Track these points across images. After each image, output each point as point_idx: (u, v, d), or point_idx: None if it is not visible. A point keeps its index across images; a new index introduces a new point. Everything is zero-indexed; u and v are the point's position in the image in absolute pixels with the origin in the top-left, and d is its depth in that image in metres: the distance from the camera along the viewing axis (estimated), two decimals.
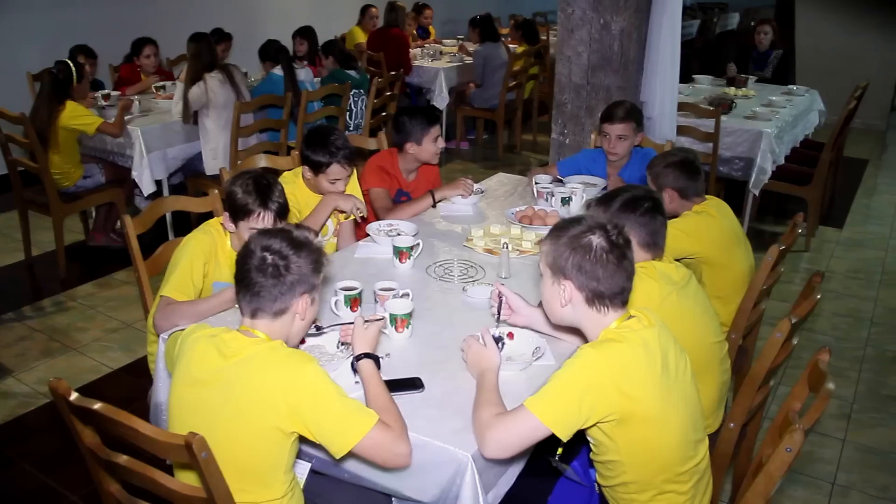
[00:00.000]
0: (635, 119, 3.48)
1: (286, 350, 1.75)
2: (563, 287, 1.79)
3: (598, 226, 1.77)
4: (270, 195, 2.44)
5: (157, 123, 4.97)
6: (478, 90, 7.45)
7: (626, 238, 1.79)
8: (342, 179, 2.98)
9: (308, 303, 1.81)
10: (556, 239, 1.80)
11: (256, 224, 2.41)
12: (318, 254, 1.82)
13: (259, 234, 1.81)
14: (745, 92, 6.15)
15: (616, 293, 1.77)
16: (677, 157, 2.82)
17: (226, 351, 1.73)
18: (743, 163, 5.18)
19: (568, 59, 4.39)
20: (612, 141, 3.49)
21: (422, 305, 2.45)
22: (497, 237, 2.97)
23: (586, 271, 1.75)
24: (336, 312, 2.36)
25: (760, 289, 2.59)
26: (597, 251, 1.74)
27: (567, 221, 1.83)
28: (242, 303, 1.79)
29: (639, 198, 2.25)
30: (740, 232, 2.88)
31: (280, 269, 1.74)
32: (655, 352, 1.73)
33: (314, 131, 3.00)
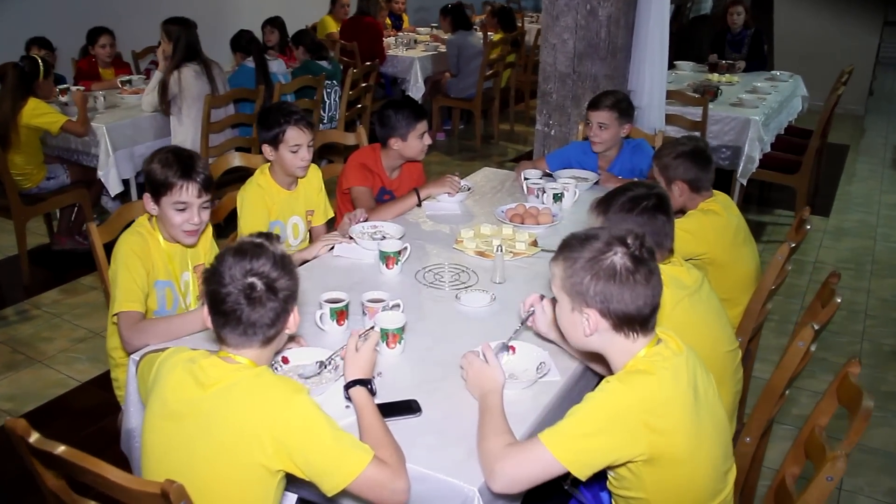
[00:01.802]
0: (620, 109, 3.34)
1: (271, 378, 1.57)
2: (585, 315, 1.60)
3: (618, 240, 1.58)
4: (193, 166, 2.28)
5: (123, 120, 4.73)
6: (454, 79, 7.27)
7: (650, 248, 1.62)
8: (303, 145, 2.84)
9: (296, 315, 1.66)
10: (572, 262, 1.60)
11: (181, 197, 2.26)
12: (292, 261, 1.65)
13: (236, 255, 1.59)
14: (728, 78, 6.04)
15: (647, 316, 1.60)
16: (688, 147, 2.67)
17: (204, 379, 1.55)
18: (730, 151, 5.07)
19: (553, 47, 4.23)
20: (593, 128, 3.39)
21: (412, 316, 2.28)
22: (488, 238, 2.80)
23: (612, 296, 1.57)
24: (321, 327, 2.19)
25: (770, 289, 2.46)
26: (622, 273, 1.55)
27: (580, 239, 1.63)
28: (227, 334, 1.59)
29: (639, 197, 2.09)
30: (747, 230, 2.74)
31: (269, 294, 1.56)
32: (687, 382, 1.58)
33: (262, 111, 2.91)
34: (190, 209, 2.31)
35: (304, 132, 2.84)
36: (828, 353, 3.84)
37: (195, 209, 2.32)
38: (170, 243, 2.43)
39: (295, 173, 2.92)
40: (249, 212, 2.86)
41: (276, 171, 2.93)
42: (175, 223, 2.33)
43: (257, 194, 2.88)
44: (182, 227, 2.33)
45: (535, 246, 2.76)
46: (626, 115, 3.37)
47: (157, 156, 2.30)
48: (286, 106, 2.89)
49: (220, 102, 4.64)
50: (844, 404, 1.73)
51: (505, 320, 2.27)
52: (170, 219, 2.32)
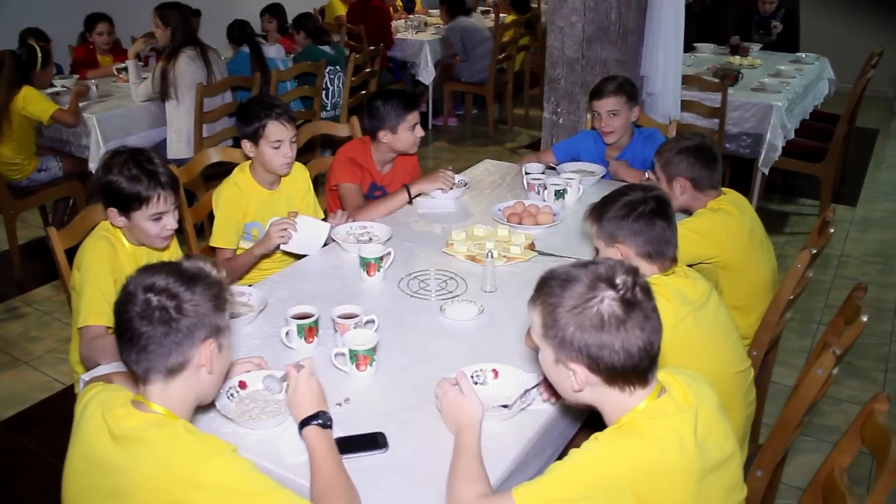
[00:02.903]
0: (626, 92, 3.12)
1: (187, 438, 1.35)
2: (571, 371, 1.37)
3: (605, 282, 1.33)
4: (158, 172, 2.14)
5: (115, 109, 4.55)
6: (464, 64, 7.03)
7: (645, 285, 1.37)
8: (285, 141, 2.65)
9: (214, 350, 1.43)
10: (551, 310, 1.35)
11: (158, 208, 2.14)
12: (219, 287, 1.43)
13: (139, 271, 1.42)
14: (750, 61, 5.75)
15: (645, 367, 1.35)
16: (692, 142, 2.44)
17: (116, 431, 1.35)
18: (751, 139, 4.80)
19: (560, 30, 3.98)
20: (603, 118, 3.15)
21: (392, 330, 2.08)
22: (481, 241, 2.59)
23: (601, 350, 1.32)
24: (288, 345, 1.99)
25: (787, 299, 2.23)
26: (610, 323, 1.31)
27: (559, 280, 1.37)
28: (129, 363, 1.41)
29: (635, 202, 1.88)
30: (762, 231, 2.50)
31: (170, 312, 1.36)
32: (694, 448, 1.33)
33: (242, 105, 2.73)
34: (165, 217, 2.19)
35: (286, 127, 2.65)
36: (852, 357, 3.60)
37: (170, 215, 2.20)
38: (136, 246, 2.26)
39: (277, 171, 2.72)
40: (223, 213, 2.69)
41: (256, 169, 2.74)
42: (151, 233, 2.20)
43: (234, 194, 2.70)
44: (159, 235, 2.21)
45: (533, 249, 2.55)
46: (633, 98, 3.14)
47: (114, 167, 2.12)
48: (267, 98, 2.71)
49: (214, 91, 4.44)
50: (869, 447, 1.51)
51: (493, 335, 2.07)
52: (145, 230, 2.18)
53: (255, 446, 1.65)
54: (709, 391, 1.47)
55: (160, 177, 2.14)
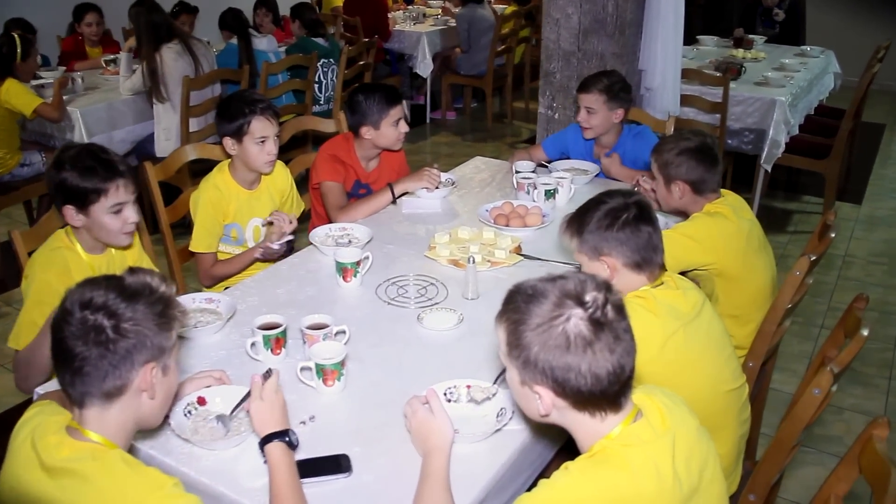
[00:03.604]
0: (611, 93, 2.98)
1: (124, 472, 1.25)
2: (536, 395, 1.26)
3: (573, 299, 1.21)
4: (115, 162, 2.04)
5: (100, 103, 4.44)
6: (464, 55, 6.90)
7: (618, 302, 1.25)
8: (270, 137, 2.55)
9: (157, 374, 1.32)
10: (515, 327, 1.25)
11: (118, 198, 2.03)
12: (165, 304, 1.32)
13: (78, 286, 1.31)
14: (754, 54, 5.61)
15: (615, 392, 1.24)
16: (693, 143, 2.30)
17: (47, 461, 1.25)
18: (753, 135, 4.66)
19: (556, 23, 3.85)
20: (580, 112, 3.05)
21: (365, 341, 1.97)
22: (466, 243, 2.47)
23: (567, 372, 1.21)
24: (254, 357, 1.88)
25: (785, 308, 2.11)
26: (577, 343, 1.20)
27: (525, 296, 1.25)
28: (64, 385, 1.30)
29: (616, 209, 1.76)
30: (762, 236, 2.37)
31: (107, 332, 1.25)
32: (672, 477, 1.22)
33: (223, 101, 2.64)
34: (126, 208, 2.07)
35: (270, 123, 2.54)
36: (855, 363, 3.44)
37: (130, 206, 2.08)
38: (93, 255, 2.14)
39: (260, 169, 2.61)
40: (203, 217, 2.59)
41: (237, 168, 2.63)
42: (113, 228, 2.07)
43: (213, 196, 2.59)
44: (121, 230, 2.08)
45: (519, 253, 2.43)
46: (617, 98, 3.00)
47: (65, 162, 1.99)
48: (249, 94, 2.60)
49: (201, 84, 4.32)
50: (868, 478, 1.39)
51: (471, 347, 1.95)
52: (105, 226, 2.06)
53: (212, 468, 1.55)
54: (688, 413, 1.37)
55: (116, 165, 2.03)
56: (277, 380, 1.55)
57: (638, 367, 1.66)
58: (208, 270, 2.63)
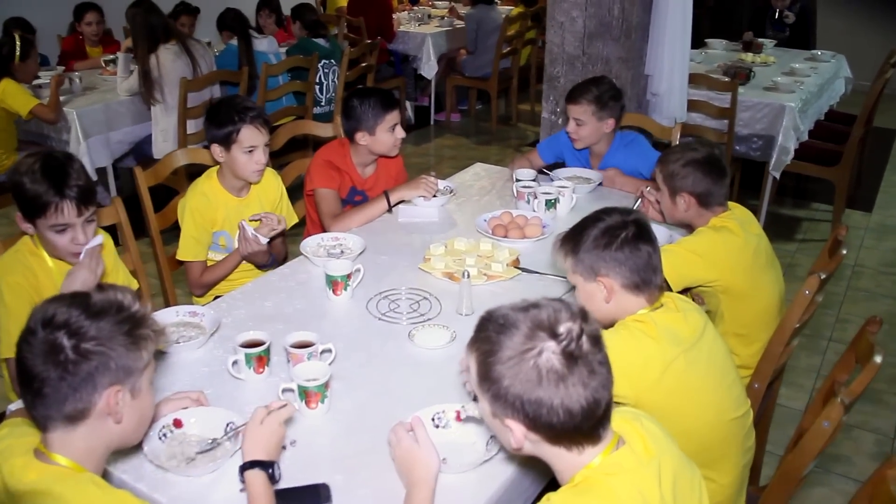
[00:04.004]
0: (601, 103, 2.89)
1: (94, 493, 1.18)
2: (508, 428, 1.20)
3: (545, 328, 1.15)
4: (65, 178, 1.89)
5: (98, 104, 4.37)
6: (469, 57, 6.81)
7: (594, 333, 1.18)
8: (259, 147, 2.47)
9: (124, 398, 1.24)
10: (485, 356, 1.18)
11: (57, 220, 1.90)
12: (136, 322, 1.24)
13: (43, 303, 1.24)
14: (763, 58, 5.51)
15: (590, 427, 1.17)
16: (700, 154, 2.20)
17: (12, 484, 1.18)
18: (762, 141, 4.56)
19: (560, 26, 3.77)
20: (570, 124, 2.97)
21: (353, 359, 1.89)
22: (462, 255, 2.38)
23: (539, 407, 1.14)
24: (236, 376, 1.80)
25: (793, 328, 2.02)
26: (549, 377, 1.13)
27: (497, 325, 1.19)
28: (27, 407, 1.23)
29: (614, 227, 1.67)
30: (770, 251, 2.28)
31: (67, 353, 1.18)
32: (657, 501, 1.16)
33: (213, 106, 2.52)
34: (72, 229, 1.95)
35: (260, 132, 2.46)
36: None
37: (78, 228, 1.95)
38: (59, 261, 2.07)
39: (248, 178, 2.54)
40: (189, 225, 2.52)
41: (225, 175, 2.55)
42: (58, 246, 1.98)
43: (200, 204, 2.52)
44: (68, 249, 1.98)
45: (517, 267, 2.34)
46: (607, 108, 2.90)
47: (24, 166, 1.91)
48: (240, 101, 2.50)
49: (198, 85, 4.25)
50: None
51: None
52: (51, 242, 1.97)
53: (185, 495, 1.47)
54: (670, 440, 1.30)
55: (64, 184, 1.89)
56: (288, 415, 1.49)
57: (636, 396, 1.59)
58: (198, 280, 2.56)
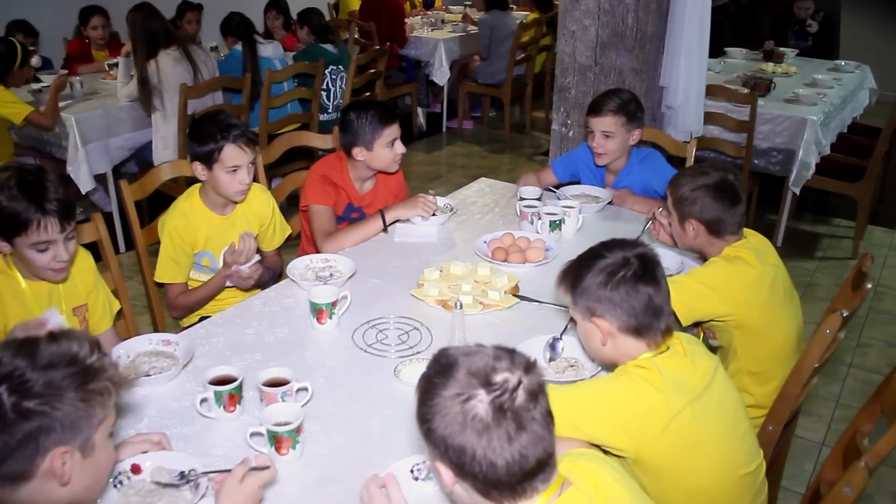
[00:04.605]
0: (628, 112, 2.75)
1: None
2: (438, 470, 1.16)
3: (480, 377, 1.11)
4: (45, 193, 1.81)
5: (98, 109, 4.27)
6: (482, 63, 6.67)
7: (534, 388, 1.12)
8: (243, 166, 2.34)
9: (73, 459, 1.12)
10: (423, 394, 1.16)
11: (39, 237, 1.82)
12: (91, 376, 1.13)
13: None
14: (785, 69, 5.33)
15: (517, 482, 1.11)
16: (711, 179, 2.05)
17: None
18: (782, 155, 4.39)
19: (572, 35, 3.63)
20: (596, 138, 2.79)
21: (333, 396, 1.76)
22: (458, 281, 2.24)
23: (460, 452, 1.10)
24: (205, 415, 1.67)
25: (812, 367, 1.86)
26: (473, 425, 1.09)
27: (442, 362, 1.16)
28: None
29: (613, 266, 1.54)
30: (788, 283, 2.12)
31: (5, 411, 1.06)
32: None
33: (196, 121, 2.40)
34: (54, 246, 1.86)
35: (244, 151, 2.33)
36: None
37: (60, 245, 1.86)
38: (33, 282, 1.96)
39: (231, 198, 2.42)
40: (168, 246, 2.39)
41: (208, 193, 2.43)
42: (38, 265, 1.88)
43: (179, 224, 2.39)
44: (48, 266, 1.88)
45: (515, 295, 2.20)
46: (634, 118, 2.76)
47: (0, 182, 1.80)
48: (224, 118, 2.36)
49: (199, 92, 4.14)
50: None
51: None
52: (30, 261, 1.87)
53: None
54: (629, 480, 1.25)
55: (46, 202, 1.80)
56: (269, 478, 1.37)
57: (636, 451, 1.44)
58: (175, 301, 2.44)
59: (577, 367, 1.82)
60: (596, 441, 1.49)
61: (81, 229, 2.36)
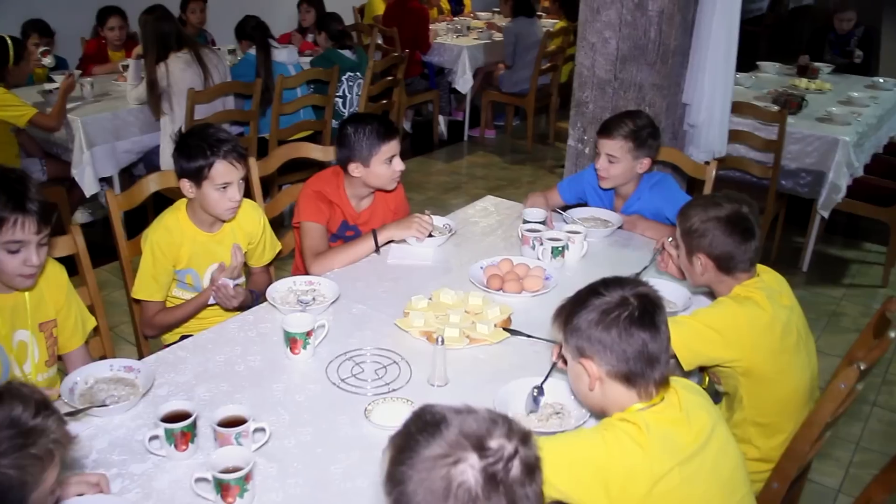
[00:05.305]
0: (638, 139, 2.58)
1: None
2: None
3: (472, 438, 0.95)
4: (25, 192, 1.74)
5: (106, 112, 4.21)
6: (507, 72, 6.52)
7: (531, 460, 0.98)
8: (234, 183, 2.23)
9: None
10: (398, 453, 0.99)
11: (14, 235, 1.73)
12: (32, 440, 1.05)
13: None
14: (819, 85, 5.11)
15: None
16: (723, 211, 1.88)
17: None
18: (811, 177, 4.19)
19: (591, 47, 3.47)
20: (600, 160, 2.64)
21: (297, 438, 1.63)
22: (445, 311, 2.09)
23: None
24: (156, 453, 1.55)
25: (824, 423, 1.69)
26: (457, 495, 0.93)
27: (426, 417, 1.00)
28: None
29: (608, 304, 1.39)
30: (802, 327, 1.93)
31: None
32: None
33: (184, 135, 2.28)
34: (26, 248, 1.77)
35: (235, 167, 2.22)
36: None
37: (32, 248, 1.78)
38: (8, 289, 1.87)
39: (220, 216, 2.31)
40: (147, 261, 2.29)
41: (194, 209, 2.32)
42: (7, 268, 1.78)
43: (162, 239, 2.28)
44: (17, 271, 1.79)
45: (506, 329, 2.04)
46: (644, 145, 2.59)
47: None
48: (213, 132, 2.24)
49: (206, 97, 4.04)
50: None
51: None
52: (5, 266, 1.77)
53: None
54: None
55: (25, 201, 1.73)
56: None
57: None
58: (150, 319, 2.33)
59: (562, 415, 1.67)
60: (572, 501, 1.34)
61: (59, 242, 2.28)
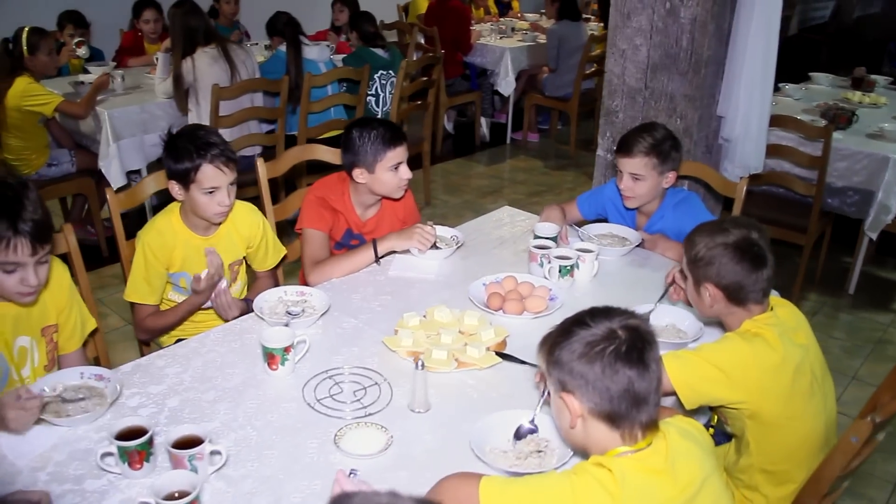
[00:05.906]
0: (661, 153, 2.43)
1: None
2: None
3: None
4: (20, 211, 1.65)
5: (134, 105, 4.22)
6: (551, 75, 6.38)
7: None
8: (222, 187, 2.15)
9: None
10: None
11: (7, 258, 1.65)
12: None
13: None
14: (873, 99, 4.86)
15: None
16: (732, 237, 1.73)
17: None
18: (859, 196, 3.96)
19: (622, 54, 3.33)
20: (624, 180, 2.49)
21: (259, 463, 1.54)
22: (437, 331, 1.98)
23: None
24: (109, 471, 1.48)
25: (834, 478, 1.54)
26: None
27: None
28: None
29: (595, 336, 1.26)
30: (819, 368, 1.77)
31: None
32: None
33: (173, 136, 2.21)
34: (23, 269, 1.70)
35: (223, 171, 2.15)
36: None
37: (30, 268, 1.70)
38: None
39: (210, 220, 2.25)
40: (139, 264, 2.23)
41: (187, 212, 2.26)
42: (5, 288, 1.72)
43: (154, 242, 2.23)
44: (15, 289, 1.72)
45: (498, 353, 1.92)
46: (668, 158, 2.44)
47: None
48: (202, 134, 2.17)
49: (231, 93, 4.00)
50: None
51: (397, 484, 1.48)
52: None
53: None
54: None
55: (20, 221, 1.65)
56: None
57: None
58: (141, 322, 2.28)
59: (544, 454, 1.54)
60: None
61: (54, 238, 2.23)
